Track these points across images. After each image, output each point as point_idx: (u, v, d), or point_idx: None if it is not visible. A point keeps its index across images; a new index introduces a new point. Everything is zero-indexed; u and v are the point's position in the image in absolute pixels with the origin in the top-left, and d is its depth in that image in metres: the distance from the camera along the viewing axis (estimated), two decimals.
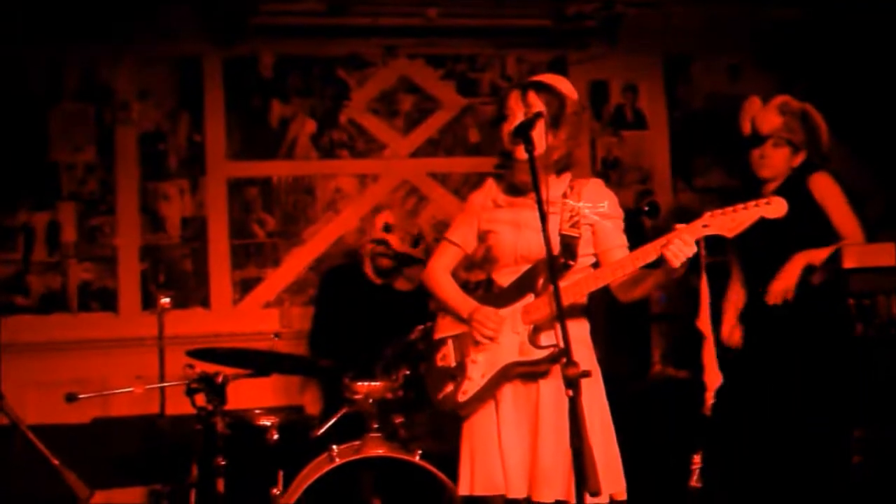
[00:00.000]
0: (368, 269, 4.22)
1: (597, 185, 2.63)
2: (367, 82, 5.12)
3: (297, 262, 4.96)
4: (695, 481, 3.29)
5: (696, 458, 3.35)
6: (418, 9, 4.95)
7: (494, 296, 2.61)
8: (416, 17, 4.98)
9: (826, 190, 3.31)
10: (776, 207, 2.21)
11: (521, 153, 2.48)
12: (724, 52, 5.37)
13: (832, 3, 5.08)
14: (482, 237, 2.69)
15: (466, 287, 2.88)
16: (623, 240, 2.59)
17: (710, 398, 3.34)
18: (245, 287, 4.91)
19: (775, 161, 3.33)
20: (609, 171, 5.29)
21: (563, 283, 2.34)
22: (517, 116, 2.55)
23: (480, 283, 3.02)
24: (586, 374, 2.04)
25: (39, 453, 2.98)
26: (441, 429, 3.40)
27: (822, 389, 3.23)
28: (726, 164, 5.14)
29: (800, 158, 3.36)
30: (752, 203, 2.23)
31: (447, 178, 5.06)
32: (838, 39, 5.25)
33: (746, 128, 3.42)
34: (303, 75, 5.06)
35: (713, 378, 3.38)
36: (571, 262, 2.49)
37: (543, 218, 2.26)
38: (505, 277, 2.60)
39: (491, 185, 2.71)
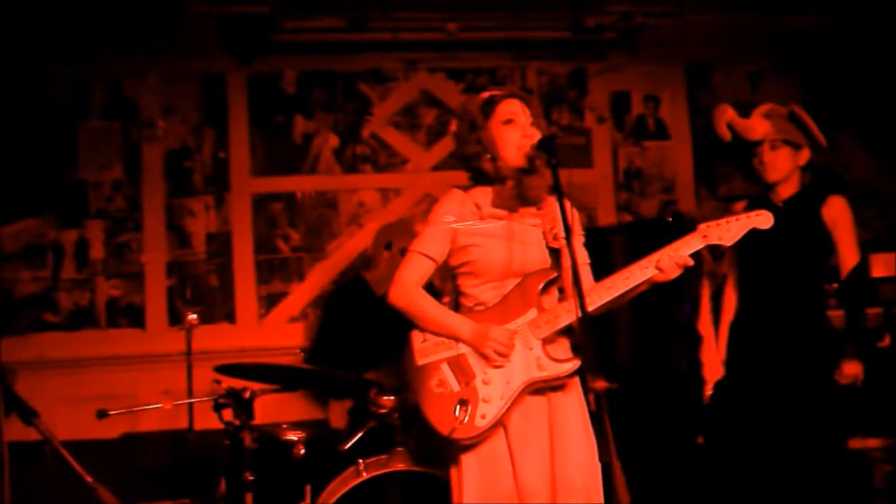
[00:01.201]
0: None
1: (565, 200, 2.59)
2: (388, 96, 5.15)
3: (321, 277, 4.99)
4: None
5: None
6: (438, 23, 4.98)
7: (483, 312, 2.50)
8: (436, 32, 5.01)
9: (838, 214, 3.30)
10: (764, 219, 2.44)
11: (516, 160, 2.47)
12: (745, 60, 5.36)
13: (853, 11, 5.05)
14: (460, 250, 2.54)
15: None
16: (587, 257, 2.59)
17: (708, 390, 3.37)
18: (270, 302, 4.94)
19: (779, 163, 3.32)
20: (632, 182, 5.29)
21: (566, 299, 2.34)
22: (526, 127, 2.51)
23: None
24: (612, 387, 2.03)
25: (73, 470, 3.01)
26: None
27: (809, 402, 3.21)
28: (748, 172, 5.12)
29: (805, 156, 3.35)
30: (744, 215, 2.45)
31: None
32: (859, 46, 5.22)
33: (725, 134, 3.41)
34: (325, 90, 5.11)
35: (712, 373, 3.42)
36: (560, 274, 2.48)
37: (568, 232, 2.27)
38: (487, 293, 2.51)
39: (464, 197, 2.58)
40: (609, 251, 4.34)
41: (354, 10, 4.91)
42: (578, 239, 2.57)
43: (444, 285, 2.68)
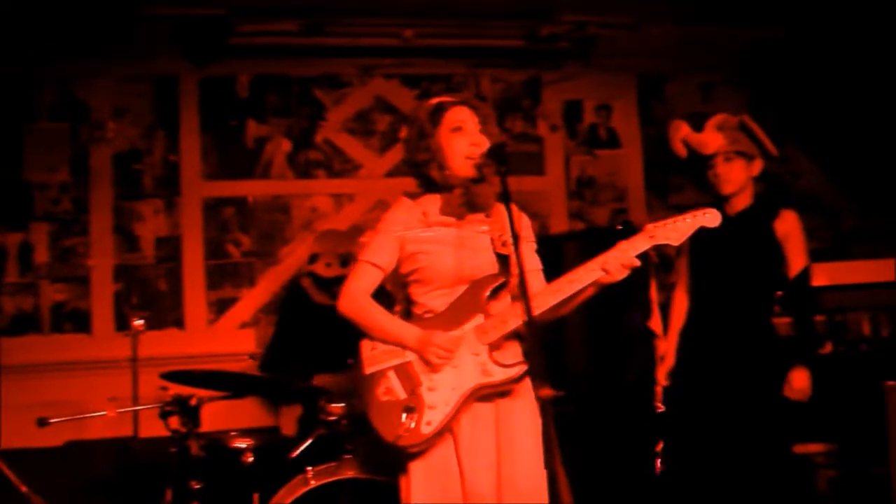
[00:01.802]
0: (313, 293, 4.28)
1: (513, 207, 2.58)
2: (343, 102, 5.14)
3: (273, 282, 4.95)
4: (659, 466, 3.37)
5: (658, 447, 3.42)
6: (394, 29, 4.98)
7: (431, 319, 2.48)
8: (392, 38, 5.01)
9: (790, 228, 3.36)
10: (712, 218, 2.42)
11: (463, 169, 2.47)
12: (697, 71, 5.45)
13: (804, 25, 5.16)
14: (408, 258, 2.53)
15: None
16: (539, 263, 2.59)
17: (660, 391, 3.40)
18: (221, 307, 4.89)
19: (733, 175, 3.37)
20: (583, 190, 5.34)
21: (513, 303, 2.35)
22: (475, 134, 2.50)
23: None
24: (559, 395, 2.04)
25: (7, 479, 2.93)
26: None
27: (756, 408, 3.27)
28: (702, 184, 5.21)
29: (757, 166, 3.41)
30: (692, 213, 2.43)
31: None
32: (808, 60, 5.34)
33: (681, 151, 3.46)
34: (279, 95, 5.07)
35: (665, 369, 3.45)
36: (509, 280, 2.48)
37: (516, 238, 2.27)
38: (435, 300, 2.49)
39: (412, 204, 2.57)
40: (561, 259, 4.36)
41: (310, 14, 4.88)
42: (530, 245, 2.58)
43: (396, 293, 2.66)
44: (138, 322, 3.66)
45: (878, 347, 3.98)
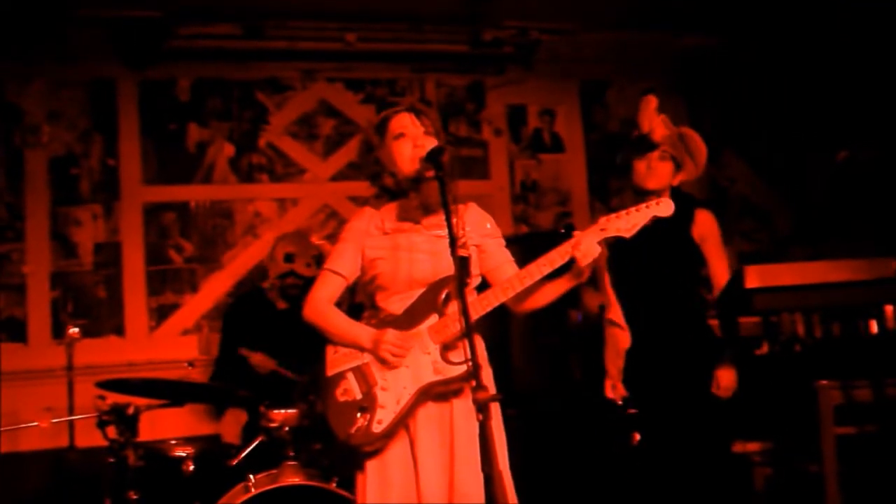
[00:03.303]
0: (273, 296, 4.25)
1: (475, 207, 2.70)
2: (285, 106, 5.10)
3: (215, 288, 4.89)
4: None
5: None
6: (337, 33, 4.97)
7: (391, 322, 2.54)
8: (334, 42, 5.00)
9: (707, 230, 3.41)
10: (665, 207, 2.45)
11: (411, 171, 2.53)
12: (639, 78, 5.53)
13: (742, 32, 5.29)
14: (368, 265, 2.61)
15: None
16: (509, 256, 2.67)
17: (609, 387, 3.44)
18: (162, 314, 4.81)
19: (660, 173, 3.41)
20: (528, 194, 5.39)
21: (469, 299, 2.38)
22: (418, 138, 2.55)
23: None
24: (497, 398, 2.06)
25: None
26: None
27: (695, 408, 3.33)
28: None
29: (680, 177, 3.45)
30: (644, 205, 2.46)
31: (367, 201, 5.06)
32: (745, 68, 5.47)
33: (645, 125, 3.48)
34: (221, 99, 5.02)
35: (614, 367, 3.48)
36: (468, 280, 2.54)
37: (453, 241, 2.29)
38: (395, 304, 2.56)
39: (372, 213, 2.66)
40: None
41: (251, 17, 4.85)
42: (498, 241, 2.67)
43: (365, 301, 2.74)
44: (73, 330, 3.59)
45: (811, 347, 4.07)
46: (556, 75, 5.45)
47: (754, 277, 2.88)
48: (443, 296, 2.50)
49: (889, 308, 3.86)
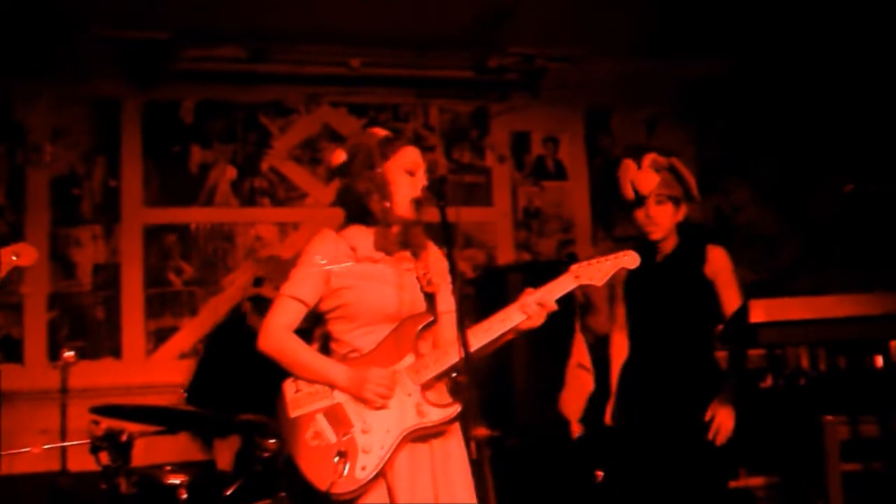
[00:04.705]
0: (253, 321, 4.21)
1: (433, 247, 2.56)
2: (289, 129, 5.09)
3: (214, 311, 4.85)
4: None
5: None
6: (342, 58, 4.97)
7: (360, 359, 2.38)
8: (339, 66, 5.00)
9: (719, 266, 3.38)
10: (631, 260, 2.50)
11: (406, 211, 2.42)
12: (643, 105, 5.52)
13: (749, 61, 5.28)
14: (332, 293, 2.41)
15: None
16: (453, 304, 2.41)
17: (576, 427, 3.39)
18: (160, 337, 4.78)
19: (661, 219, 3.37)
20: (530, 221, 5.36)
21: (443, 343, 2.34)
22: (422, 179, 2.45)
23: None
24: (494, 435, 2.01)
25: None
26: None
27: (698, 443, 3.28)
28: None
29: (682, 213, 3.42)
30: (613, 255, 2.50)
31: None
32: (752, 97, 5.45)
33: (629, 192, 3.47)
34: (225, 121, 5.02)
35: (577, 409, 3.43)
36: (435, 319, 2.44)
37: (454, 269, 2.25)
38: (361, 338, 2.40)
39: (337, 238, 2.45)
40: (505, 290, 4.37)
41: (257, 41, 4.85)
42: (448, 287, 2.48)
43: (313, 331, 2.57)
44: (69, 354, 3.54)
45: (816, 381, 4.03)
46: (562, 102, 5.45)
47: (759, 311, 2.84)
48: (416, 333, 2.39)
49: (894, 343, 3.82)
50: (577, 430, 3.41)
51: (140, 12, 4.47)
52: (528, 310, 2.36)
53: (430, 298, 2.42)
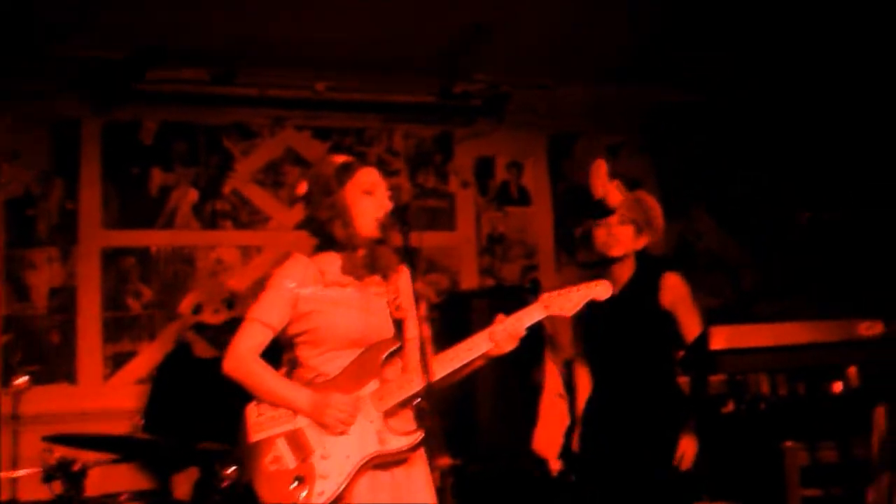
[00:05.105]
0: (199, 349, 4.17)
1: (405, 270, 2.54)
2: (252, 152, 5.06)
3: (174, 336, 4.76)
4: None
5: None
6: (306, 81, 4.95)
7: (325, 383, 2.37)
8: (303, 90, 4.98)
9: (676, 295, 3.38)
10: (603, 290, 2.48)
11: (371, 230, 2.42)
12: (606, 133, 5.57)
13: (713, 90, 5.36)
14: (300, 317, 2.41)
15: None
16: (416, 331, 2.41)
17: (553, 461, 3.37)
18: (117, 362, 4.68)
19: (622, 239, 3.38)
20: (494, 246, 5.36)
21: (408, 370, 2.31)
22: (384, 199, 2.45)
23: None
24: (457, 464, 1.99)
25: None
26: None
27: (662, 468, 3.28)
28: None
29: (643, 241, 3.42)
30: (584, 285, 2.48)
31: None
32: (715, 126, 5.54)
33: (599, 191, 3.47)
34: (186, 143, 4.96)
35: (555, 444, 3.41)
36: (402, 343, 2.43)
37: (417, 299, 2.24)
38: (328, 363, 2.39)
39: (307, 262, 2.46)
40: (469, 315, 4.36)
41: (221, 63, 4.82)
42: (413, 315, 2.46)
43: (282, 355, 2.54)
44: (21, 380, 3.46)
45: (776, 407, 4.07)
46: (525, 127, 5.47)
47: (720, 339, 2.85)
48: (381, 359, 2.38)
49: (853, 369, 3.87)
50: (556, 466, 3.37)
51: (102, 33, 4.42)
52: (496, 337, 2.37)
53: (399, 324, 2.40)
